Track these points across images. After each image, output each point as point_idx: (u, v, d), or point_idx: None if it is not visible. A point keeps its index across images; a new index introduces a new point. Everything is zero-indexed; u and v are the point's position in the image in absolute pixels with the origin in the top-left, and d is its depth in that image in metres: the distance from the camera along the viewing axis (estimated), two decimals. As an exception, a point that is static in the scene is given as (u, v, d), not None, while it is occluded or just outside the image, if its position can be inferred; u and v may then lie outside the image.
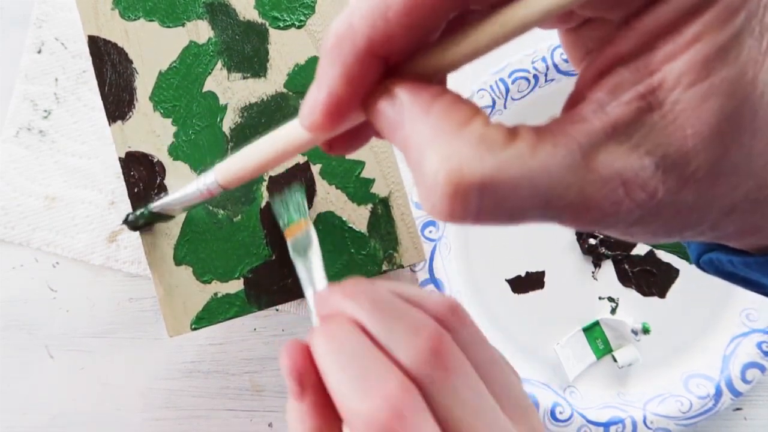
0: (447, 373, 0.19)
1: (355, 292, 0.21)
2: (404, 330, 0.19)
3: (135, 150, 0.35)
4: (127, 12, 0.35)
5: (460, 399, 0.19)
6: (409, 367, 0.19)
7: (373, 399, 0.18)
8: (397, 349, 0.19)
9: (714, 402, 0.43)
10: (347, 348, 0.20)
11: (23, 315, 0.46)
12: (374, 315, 0.20)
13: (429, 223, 0.44)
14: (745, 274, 0.22)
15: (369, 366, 0.19)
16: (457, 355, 0.19)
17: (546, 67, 0.44)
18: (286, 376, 0.21)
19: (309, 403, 0.20)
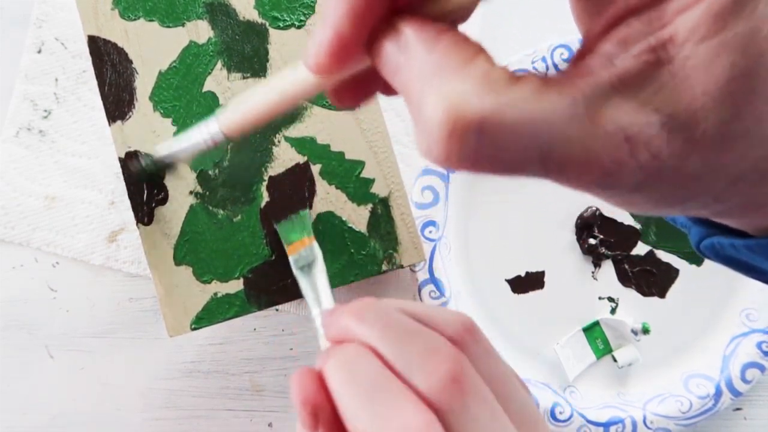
0: (466, 399, 0.18)
1: (366, 315, 0.21)
2: (420, 355, 0.19)
3: (135, 150, 0.35)
4: (127, 12, 0.35)
5: (479, 424, 0.18)
6: (428, 394, 0.18)
7: (394, 430, 0.17)
8: (415, 376, 0.19)
9: (714, 402, 0.43)
10: (363, 376, 0.19)
11: (23, 315, 0.46)
12: (388, 339, 0.20)
13: (429, 223, 0.44)
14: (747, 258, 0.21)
15: (387, 395, 0.18)
16: (475, 379, 0.19)
17: (546, 67, 0.44)
18: (297, 406, 0.20)
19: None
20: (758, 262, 0.21)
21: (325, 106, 0.36)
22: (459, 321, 0.21)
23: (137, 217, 0.35)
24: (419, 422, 0.17)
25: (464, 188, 0.45)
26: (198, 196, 0.35)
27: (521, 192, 0.46)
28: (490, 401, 0.19)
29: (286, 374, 0.45)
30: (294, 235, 0.33)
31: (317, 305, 0.29)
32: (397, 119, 0.46)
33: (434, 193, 0.44)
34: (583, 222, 0.46)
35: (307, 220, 0.33)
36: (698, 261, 0.46)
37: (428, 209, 0.44)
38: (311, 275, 0.31)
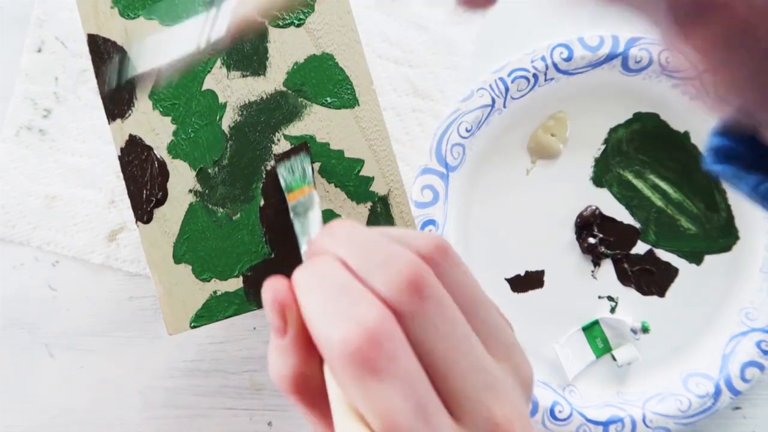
0: (424, 303, 0.18)
1: (336, 230, 0.21)
2: (382, 261, 0.19)
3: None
4: (127, 11, 0.35)
5: (437, 329, 0.18)
6: (387, 296, 0.18)
7: (349, 325, 0.18)
8: (375, 280, 0.19)
9: (713, 401, 0.43)
10: (325, 279, 0.19)
11: (23, 314, 0.46)
12: (354, 250, 0.20)
13: (428, 222, 0.44)
14: None
15: (347, 296, 0.19)
16: (436, 287, 0.19)
17: (545, 66, 0.44)
18: (267, 309, 0.20)
19: (291, 338, 0.20)
20: None
21: (324, 105, 0.36)
22: (431, 238, 0.21)
23: (137, 215, 0.35)
24: (374, 316, 0.18)
25: (464, 187, 0.45)
26: (197, 194, 0.35)
27: (521, 191, 0.46)
28: (451, 310, 0.19)
29: (286, 373, 0.45)
30: (295, 184, 0.32)
31: (305, 242, 0.29)
32: (396, 118, 0.47)
33: (434, 192, 0.44)
34: (582, 221, 0.46)
35: (308, 170, 0.33)
36: (698, 260, 0.46)
37: (428, 208, 0.44)
38: (306, 218, 0.30)
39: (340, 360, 0.17)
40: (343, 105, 0.36)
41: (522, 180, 0.46)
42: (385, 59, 0.47)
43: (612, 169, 0.46)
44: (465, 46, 0.47)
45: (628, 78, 0.45)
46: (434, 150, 0.44)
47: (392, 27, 0.47)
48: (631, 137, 0.46)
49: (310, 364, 0.20)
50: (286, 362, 0.20)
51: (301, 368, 0.20)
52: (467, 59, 0.47)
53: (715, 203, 0.46)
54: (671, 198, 0.46)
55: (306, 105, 0.36)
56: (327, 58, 0.36)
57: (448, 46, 0.47)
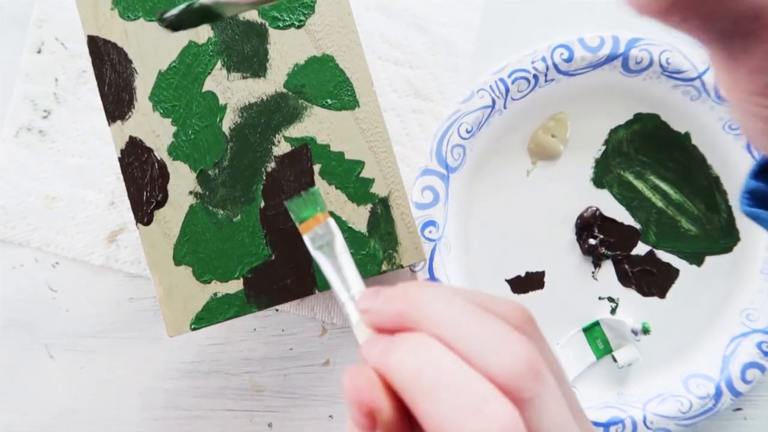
0: (541, 388, 0.18)
1: (424, 300, 0.20)
2: (493, 342, 0.18)
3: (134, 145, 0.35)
4: (127, 12, 0.35)
5: (552, 413, 0.18)
6: (505, 381, 0.18)
7: (482, 423, 0.17)
8: (490, 364, 0.18)
9: (714, 402, 0.43)
10: (436, 367, 0.18)
11: (23, 315, 0.46)
12: (454, 326, 0.19)
13: (429, 222, 0.44)
14: None
15: (464, 385, 0.18)
16: (546, 368, 0.19)
17: (546, 67, 0.44)
18: (352, 408, 0.19)
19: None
20: None
21: (324, 107, 0.36)
22: (518, 308, 0.20)
23: (137, 217, 0.35)
24: (502, 413, 0.17)
25: (464, 188, 0.45)
26: (198, 196, 0.35)
27: (521, 192, 0.46)
28: (558, 393, 0.19)
29: (286, 374, 0.45)
30: (306, 212, 0.29)
31: (345, 289, 0.26)
32: (397, 119, 0.46)
33: (434, 193, 0.44)
34: (583, 222, 0.46)
35: (318, 196, 0.30)
36: (698, 261, 0.46)
37: (428, 209, 0.44)
38: (333, 256, 0.27)
39: None
40: (343, 106, 0.36)
41: (522, 181, 0.46)
42: (385, 60, 0.47)
43: (612, 170, 0.46)
44: (465, 47, 0.47)
45: (628, 79, 0.45)
46: (434, 151, 0.44)
47: (392, 28, 0.47)
48: (632, 138, 0.46)
49: None
50: None
51: None
52: (467, 60, 0.47)
53: (715, 204, 0.46)
54: (672, 199, 0.46)
55: (306, 106, 0.36)
56: (327, 60, 0.36)
57: (448, 48, 0.47)
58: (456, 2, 0.47)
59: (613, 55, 0.44)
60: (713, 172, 0.46)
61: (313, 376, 0.45)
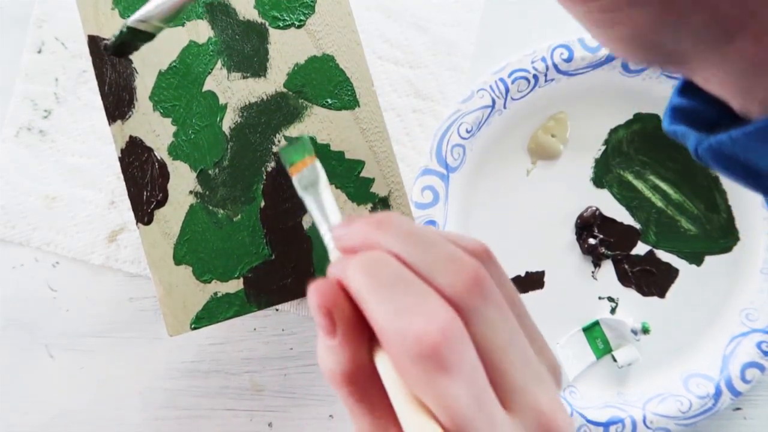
0: (486, 302, 0.19)
1: (387, 223, 0.21)
2: (444, 259, 0.20)
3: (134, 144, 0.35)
4: (127, 12, 0.35)
5: (496, 327, 0.19)
6: (452, 294, 0.19)
7: (422, 321, 0.18)
8: (440, 277, 0.19)
9: (714, 402, 0.43)
10: (387, 275, 0.20)
11: (23, 314, 0.46)
12: (411, 245, 0.20)
13: (429, 222, 0.44)
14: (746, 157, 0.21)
15: (411, 292, 0.19)
16: (495, 288, 0.20)
17: (546, 67, 0.44)
18: (315, 312, 0.21)
19: (342, 336, 0.20)
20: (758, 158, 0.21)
21: (324, 106, 0.36)
22: (477, 241, 0.22)
23: (137, 216, 0.35)
24: (443, 317, 0.18)
25: (464, 188, 0.45)
26: (198, 195, 0.35)
27: (521, 192, 0.46)
28: (507, 311, 0.20)
29: (286, 374, 0.46)
30: (296, 156, 0.31)
31: (325, 221, 0.28)
32: (397, 119, 0.46)
33: (434, 193, 0.44)
34: (582, 222, 0.46)
35: (307, 143, 0.32)
36: (698, 261, 0.46)
37: (428, 209, 0.44)
38: (316, 193, 0.29)
39: (411, 357, 0.18)
40: (343, 106, 0.36)
41: (522, 181, 0.46)
42: (385, 60, 0.47)
43: (612, 169, 0.46)
44: (465, 47, 0.47)
45: (628, 79, 0.45)
46: (434, 151, 0.44)
47: (392, 28, 0.47)
48: (632, 138, 0.46)
49: (361, 359, 0.21)
50: (336, 359, 0.20)
51: (351, 364, 0.20)
52: (467, 60, 0.47)
53: (715, 204, 0.46)
54: (671, 199, 0.46)
55: (306, 106, 0.36)
56: (327, 60, 0.36)
57: (449, 47, 0.47)
58: (456, 2, 0.47)
59: (613, 55, 0.44)
60: (712, 171, 0.46)
61: (313, 376, 0.46)
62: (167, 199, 0.35)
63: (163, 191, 0.35)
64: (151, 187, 0.35)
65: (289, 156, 0.32)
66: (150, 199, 0.35)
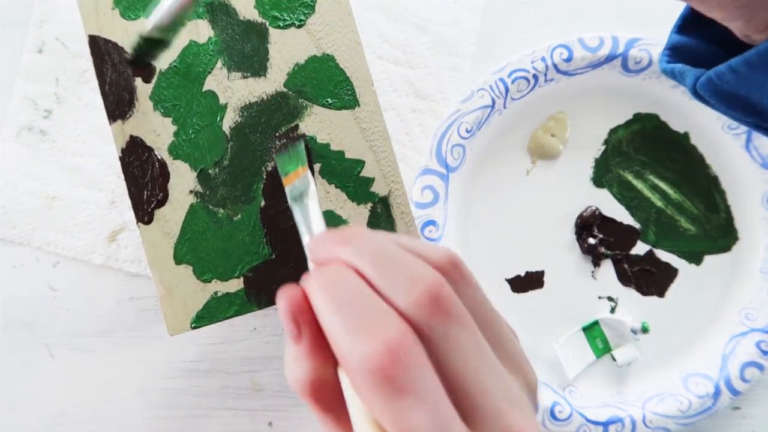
0: (446, 319, 0.19)
1: (352, 238, 0.21)
2: (403, 275, 0.19)
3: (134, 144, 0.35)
4: (128, 12, 0.35)
5: (459, 345, 0.19)
6: (408, 311, 0.18)
7: (370, 341, 0.18)
8: (396, 294, 0.19)
9: (713, 401, 0.43)
10: (343, 291, 0.19)
11: (24, 314, 0.46)
12: (372, 261, 0.20)
13: (429, 222, 0.44)
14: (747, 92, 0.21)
15: (366, 309, 0.19)
16: (456, 303, 0.19)
17: (545, 67, 0.44)
18: (282, 317, 0.21)
19: (306, 344, 0.20)
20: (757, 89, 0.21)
21: (325, 106, 0.36)
22: (444, 253, 0.21)
23: (138, 216, 0.35)
24: (396, 332, 0.18)
25: (464, 188, 0.45)
26: (198, 195, 0.35)
27: (521, 192, 0.46)
28: (471, 327, 0.19)
29: (286, 373, 0.46)
30: (289, 167, 0.32)
31: (308, 233, 0.28)
32: (397, 119, 0.47)
33: (434, 193, 0.44)
34: (582, 221, 0.46)
35: (301, 152, 0.33)
36: (698, 260, 0.46)
37: (428, 209, 0.44)
38: (302, 204, 0.29)
39: (361, 375, 0.17)
40: (343, 106, 0.36)
41: (522, 180, 0.46)
42: (385, 60, 0.47)
43: (612, 169, 0.46)
44: (465, 47, 0.47)
45: (628, 79, 0.45)
46: (434, 150, 0.44)
47: (392, 28, 0.47)
48: (631, 138, 0.46)
49: (326, 369, 0.20)
50: (301, 367, 0.20)
51: (316, 373, 0.20)
52: (467, 60, 0.47)
53: (714, 204, 0.46)
54: (671, 198, 0.46)
55: (306, 106, 0.36)
56: (328, 59, 0.36)
57: (449, 47, 0.47)
58: (456, 2, 0.47)
59: (613, 55, 0.44)
60: (712, 171, 0.46)
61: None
62: (167, 198, 0.35)
63: (164, 191, 0.35)
64: (152, 186, 0.35)
65: (284, 165, 0.32)
66: (150, 199, 0.35)
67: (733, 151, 0.45)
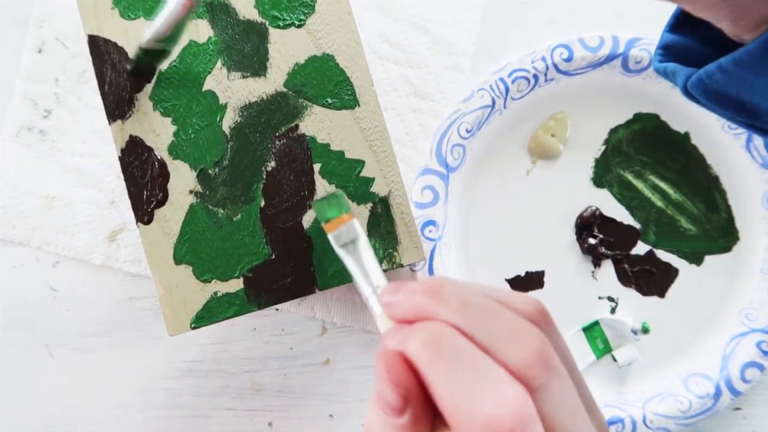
0: (551, 376, 0.19)
1: (440, 291, 0.20)
2: (507, 332, 0.19)
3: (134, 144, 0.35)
4: (127, 11, 0.35)
5: (561, 403, 0.19)
6: (518, 369, 0.18)
7: (493, 405, 0.17)
8: (504, 352, 0.19)
9: (713, 401, 0.43)
10: (452, 351, 0.19)
11: (24, 314, 0.46)
12: (471, 317, 0.19)
13: (429, 222, 0.44)
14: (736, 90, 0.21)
15: (479, 370, 0.18)
16: (557, 359, 0.19)
17: (546, 66, 0.44)
18: (387, 389, 0.20)
19: (411, 417, 0.19)
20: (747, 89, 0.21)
21: (324, 106, 0.36)
22: (532, 303, 0.21)
23: (137, 216, 0.35)
24: (514, 396, 0.18)
25: (464, 188, 0.45)
26: (198, 195, 0.35)
27: (521, 192, 0.46)
28: (569, 382, 0.19)
29: (286, 374, 0.46)
30: (332, 212, 0.31)
31: (368, 284, 0.27)
32: (397, 119, 0.47)
33: (434, 193, 0.44)
34: (582, 222, 0.46)
35: (343, 199, 0.33)
36: (698, 260, 0.46)
37: (428, 209, 0.44)
38: (356, 253, 0.29)
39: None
40: (343, 106, 0.36)
41: (522, 180, 0.46)
42: (385, 60, 0.47)
43: (612, 169, 0.46)
44: (465, 46, 0.47)
45: (628, 78, 0.45)
46: (434, 150, 0.44)
47: (392, 28, 0.47)
48: (632, 138, 0.46)
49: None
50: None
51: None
52: (467, 60, 0.47)
53: (715, 204, 0.46)
54: (671, 198, 0.46)
55: (306, 106, 0.36)
56: (327, 59, 0.36)
57: (449, 47, 0.47)
58: (456, 2, 0.47)
59: (613, 54, 0.44)
60: (712, 171, 0.46)
61: (313, 376, 0.46)
62: (167, 198, 0.35)
63: (163, 191, 0.35)
64: (151, 186, 0.35)
65: (324, 211, 0.32)
66: (150, 199, 0.35)
67: (733, 151, 0.45)
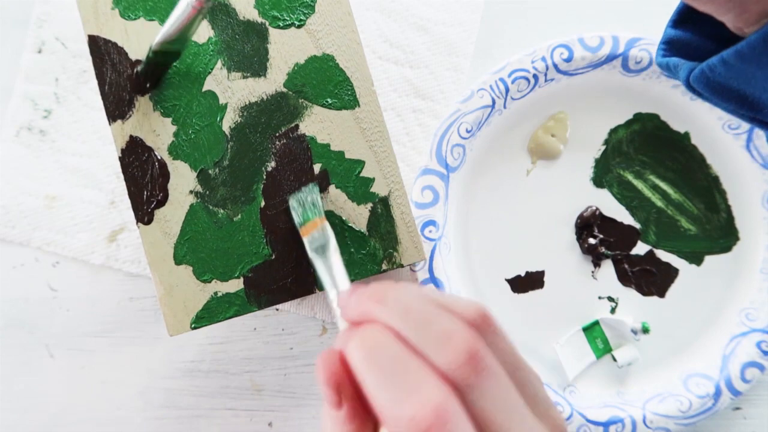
0: (482, 376, 0.19)
1: (385, 296, 0.22)
2: (439, 335, 0.20)
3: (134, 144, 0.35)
4: (128, 11, 0.35)
5: (495, 401, 0.19)
6: (446, 370, 0.19)
7: (415, 404, 0.18)
8: (433, 354, 0.20)
9: (713, 401, 0.43)
10: (384, 355, 0.20)
11: (23, 314, 0.46)
12: (408, 321, 0.21)
13: (429, 222, 0.44)
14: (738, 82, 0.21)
15: (408, 372, 0.19)
16: (491, 359, 0.20)
17: (546, 66, 0.44)
18: (322, 385, 0.21)
19: (347, 410, 0.21)
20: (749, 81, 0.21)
21: (325, 106, 0.36)
22: (475, 308, 0.22)
23: (137, 216, 0.35)
24: (437, 396, 0.18)
25: (464, 188, 0.45)
26: (198, 195, 0.35)
27: (521, 192, 0.46)
28: (505, 381, 0.20)
29: (286, 374, 0.46)
30: (306, 217, 0.32)
31: (334, 287, 0.29)
32: (397, 119, 0.47)
33: (434, 193, 0.44)
34: (582, 221, 0.46)
35: (318, 201, 0.33)
36: (698, 260, 0.46)
37: (428, 209, 0.44)
38: (326, 257, 0.30)
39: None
40: (343, 106, 0.36)
41: (522, 180, 0.46)
42: (385, 60, 0.47)
43: (612, 169, 0.46)
44: (465, 46, 0.47)
45: (628, 78, 0.45)
46: (434, 151, 0.44)
47: (392, 28, 0.47)
48: (632, 138, 0.46)
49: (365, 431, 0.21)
50: (342, 431, 0.21)
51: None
52: (467, 60, 0.47)
53: (715, 204, 0.46)
54: (671, 198, 0.46)
55: (306, 106, 0.36)
56: (327, 59, 0.36)
57: (449, 47, 0.47)
58: (456, 2, 0.47)
59: (613, 54, 0.44)
60: (712, 171, 0.46)
61: (313, 376, 0.46)
62: (167, 198, 0.35)
63: (164, 191, 0.35)
64: (152, 186, 0.35)
65: (301, 213, 0.33)
66: (150, 199, 0.35)
67: (733, 151, 0.45)
